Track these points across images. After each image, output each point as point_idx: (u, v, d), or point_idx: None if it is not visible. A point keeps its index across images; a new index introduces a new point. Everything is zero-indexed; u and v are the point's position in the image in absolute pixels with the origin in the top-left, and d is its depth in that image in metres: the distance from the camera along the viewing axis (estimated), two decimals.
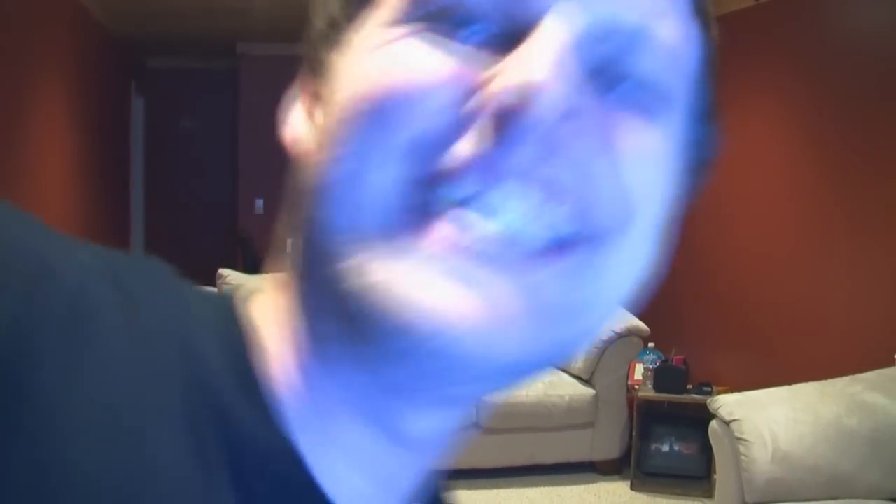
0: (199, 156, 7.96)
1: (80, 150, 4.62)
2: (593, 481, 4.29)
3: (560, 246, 0.35)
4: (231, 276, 4.59)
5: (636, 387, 4.39)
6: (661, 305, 5.58)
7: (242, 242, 6.62)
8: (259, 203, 7.25)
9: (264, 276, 0.52)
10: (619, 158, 0.35)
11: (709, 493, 4.02)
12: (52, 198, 3.99)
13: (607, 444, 4.36)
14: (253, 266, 6.28)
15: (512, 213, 0.34)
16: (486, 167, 0.33)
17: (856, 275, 3.63)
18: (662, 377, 4.24)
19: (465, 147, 0.34)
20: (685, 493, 4.13)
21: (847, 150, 3.69)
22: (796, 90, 4.07)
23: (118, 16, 5.47)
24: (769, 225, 4.28)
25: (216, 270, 4.63)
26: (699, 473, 4.19)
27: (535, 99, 0.32)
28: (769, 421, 2.91)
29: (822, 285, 3.85)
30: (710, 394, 4.07)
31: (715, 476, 3.43)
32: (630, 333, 4.34)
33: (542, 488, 4.16)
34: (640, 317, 4.45)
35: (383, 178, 0.35)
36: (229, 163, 7.58)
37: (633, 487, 4.21)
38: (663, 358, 4.54)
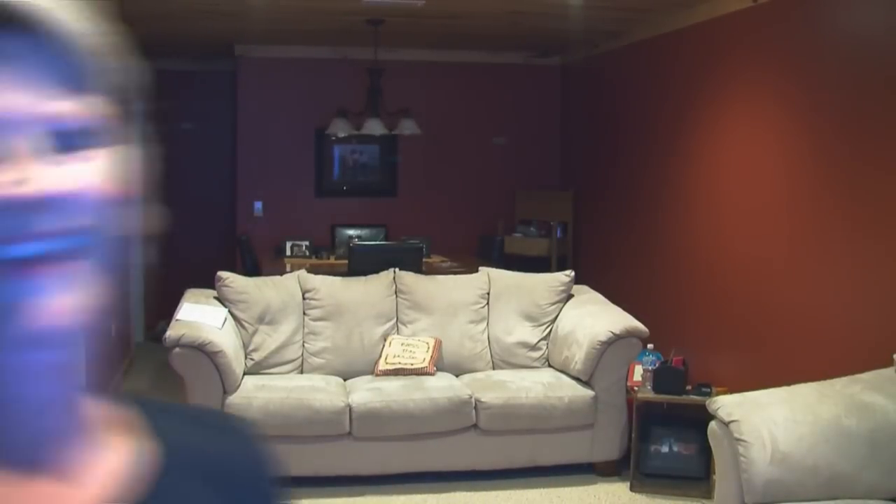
0: (198, 158, 7.95)
1: None
2: (593, 483, 4.29)
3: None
4: (230, 279, 4.60)
5: (635, 388, 4.39)
6: (660, 307, 5.58)
7: (242, 244, 6.62)
8: (258, 205, 7.25)
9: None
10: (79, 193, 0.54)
11: (708, 494, 4.02)
12: None
13: (607, 446, 4.36)
14: (252, 268, 6.27)
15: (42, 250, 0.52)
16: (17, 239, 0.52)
17: (854, 275, 3.63)
18: (661, 378, 4.24)
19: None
20: (684, 495, 4.13)
21: (845, 151, 3.70)
22: (794, 90, 4.08)
23: (117, 18, 5.47)
24: (768, 226, 4.28)
25: (215, 272, 4.64)
26: (698, 474, 4.19)
27: (28, 197, 0.51)
28: (768, 422, 2.91)
29: (820, 286, 3.85)
30: (709, 395, 4.07)
31: (714, 477, 3.43)
32: (629, 335, 4.34)
33: (541, 490, 4.16)
34: (640, 318, 4.45)
35: None
36: (228, 165, 7.58)
37: (632, 489, 4.21)
38: (662, 359, 4.53)
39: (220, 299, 4.55)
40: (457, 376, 4.55)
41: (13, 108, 0.52)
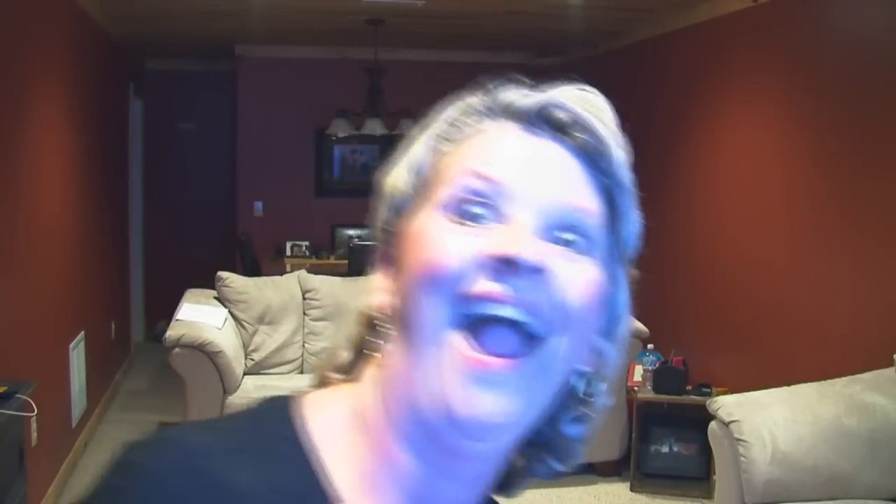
0: (198, 158, 7.95)
1: (78, 151, 4.62)
2: (593, 483, 4.29)
3: (526, 344, 0.58)
4: (230, 279, 4.60)
5: (635, 388, 4.39)
6: (660, 307, 5.57)
7: (242, 245, 6.62)
8: (258, 206, 7.25)
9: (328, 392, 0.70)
10: (562, 282, 0.59)
11: (708, 494, 4.02)
12: (51, 199, 3.99)
13: (607, 446, 4.36)
14: (252, 268, 6.28)
15: (512, 315, 0.58)
16: (496, 295, 0.58)
17: (854, 275, 3.63)
18: (662, 378, 4.24)
19: (481, 285, 0.58)
20: (685, 494, 4.13)
21: (845, 151, 3.70)
22: (794, 90, 4.08)
23: (117, 18, 5.47)
24: (767, 226, 4.28)
25: (215, 272, 4.64)
26: (699, 474, 4.19)
27: (518, 258, 0.57)
28: (768, 422, 2.92)
29: (820, 286, 3.85)
30: (709, 395, 4.07)
31: (714, 477, 3.43)
32: (629, 335, 4.33)
33: (541, 490, 4.16)
34: (640, 318, 4.45)
35: (440, 314, 0.59)
36: (228, 165, 7.58)
37: (632, 489, 4.21)
38: (662, 359, 4.53)
39: (220, 299, 4.55)
40: None
41: (539, 191, 0.60)
